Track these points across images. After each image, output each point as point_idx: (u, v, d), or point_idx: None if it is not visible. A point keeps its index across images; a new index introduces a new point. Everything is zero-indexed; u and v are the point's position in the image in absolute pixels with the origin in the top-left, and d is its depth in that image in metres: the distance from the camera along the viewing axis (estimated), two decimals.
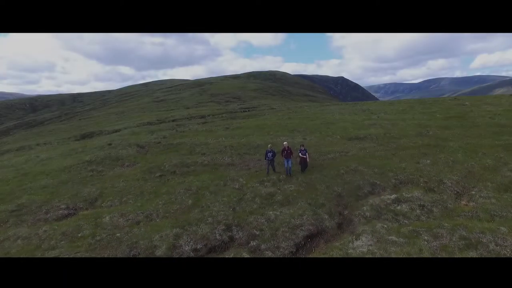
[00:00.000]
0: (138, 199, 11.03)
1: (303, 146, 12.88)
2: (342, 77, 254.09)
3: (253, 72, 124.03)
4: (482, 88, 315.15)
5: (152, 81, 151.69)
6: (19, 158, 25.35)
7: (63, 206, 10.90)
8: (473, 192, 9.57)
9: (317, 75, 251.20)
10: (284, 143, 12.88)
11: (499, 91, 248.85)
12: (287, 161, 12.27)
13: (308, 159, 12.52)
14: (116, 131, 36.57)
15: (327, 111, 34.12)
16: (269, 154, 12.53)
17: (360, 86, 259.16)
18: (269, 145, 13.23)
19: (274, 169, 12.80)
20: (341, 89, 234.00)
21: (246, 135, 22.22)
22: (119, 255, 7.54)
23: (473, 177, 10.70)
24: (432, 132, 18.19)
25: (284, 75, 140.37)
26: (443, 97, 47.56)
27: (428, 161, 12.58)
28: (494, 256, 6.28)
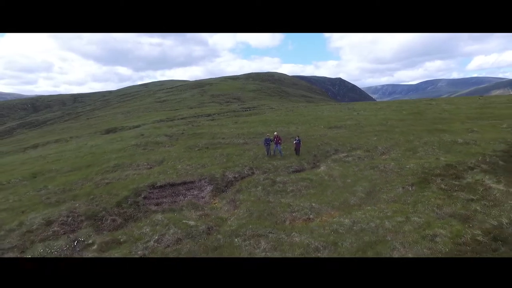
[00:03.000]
0: (191, 160, 18.58)
1: (298, 136, 19.20)
2: (340, 78, 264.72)
3: (251, 73, 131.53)
4: (479, 90, 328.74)
5: (152, 82, 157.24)
6: (69, 146, 32.69)
7: (145, 164, 18.42)
8: (391, 152, 17.27)
9: (315, 76, 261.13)
10: (275, 133, 19.22)
11: (495, 93, 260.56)
12: (277, 146, 18.57)
13: (300, 146, 18.53)
14: (137, 126, 43.86)
15: (318, 110, 41.97)
16: (267, 141, 18.65)
17: (358, 87, 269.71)
18: (267, 134, 19.92)
19: (268, 152, 18.61)
20: (339, 90, 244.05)
21: (252, 126, 29.81)
22: (196, 179, 15.05)
23: (397, 145, 18.43)
24: (390, 123, 25.96)
25: (282, 76, 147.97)
26: (420, 99, 55.66)
27: (375, 138, 20.34)
28: (384, 172, 13.93)
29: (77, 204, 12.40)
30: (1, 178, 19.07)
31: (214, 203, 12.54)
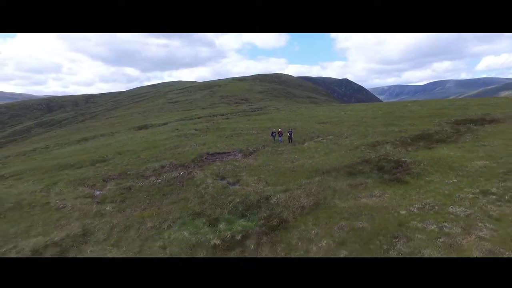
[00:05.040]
0: (223, 142, 30.53)
1: (291, 129, 31.57)
2: (346, 79, 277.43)
3: (258, 74, 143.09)
4: (488, 91, 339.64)
5: (160, 83, 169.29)
6: (118, 137, 44.85)
7: (194, 144, 30.48)
8: (351, 137, 29.07)
9: (321, 77, 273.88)
10: (279, 129, 31.74)
11: (504, 93, 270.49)
12: (280, 136, 31.15)
13: (293, 135, 31.04)
14: (164, 124, 55.86)
15: (315, 110, 53.90)
16: (273, 133, 31.41)
17: (364, 88, 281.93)
18: (273, 128, 32.31)
19: (274, 140, 31.50)
20: (345, 91, 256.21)
21: (262, 123, 41.81)
22: (230, 151, 26.94)
23: (358, 132, 30.23)
24: (363, 120, 37.77)
25: (288, 78, 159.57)
26: (402, 101, 66.98)
27: (345, 129, 32.23)
28: (343, 147, 25.76)
29: (171, 161, 24.40)
30: (103, 154, 31.16)
31: (244, 160, 24.43)
